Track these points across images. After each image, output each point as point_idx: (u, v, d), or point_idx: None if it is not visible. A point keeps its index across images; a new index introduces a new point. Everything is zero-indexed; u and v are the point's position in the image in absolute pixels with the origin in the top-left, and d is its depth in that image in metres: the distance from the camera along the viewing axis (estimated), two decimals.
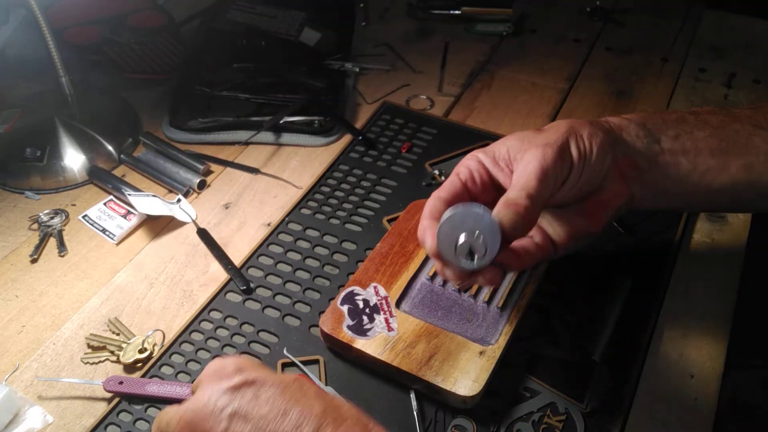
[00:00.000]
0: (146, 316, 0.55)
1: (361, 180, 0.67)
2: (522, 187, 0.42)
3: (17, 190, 0.67)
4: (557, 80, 0.81)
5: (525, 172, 0.43)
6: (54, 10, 0.83)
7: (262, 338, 0.53)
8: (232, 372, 0.38)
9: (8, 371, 0.51)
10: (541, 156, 0.43)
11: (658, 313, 0.54)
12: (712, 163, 0.47)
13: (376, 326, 0.50)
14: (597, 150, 0.45)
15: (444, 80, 0.80)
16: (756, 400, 0.69)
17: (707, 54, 0.85)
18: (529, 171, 0.43)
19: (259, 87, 0.76)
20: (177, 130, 0.73)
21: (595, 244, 0.59)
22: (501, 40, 0.88)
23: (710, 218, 0.63)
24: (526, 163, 0.43)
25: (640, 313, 0.54)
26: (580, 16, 0.93)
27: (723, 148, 0.47)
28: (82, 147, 0.69)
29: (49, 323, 0.55)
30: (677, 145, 0.47)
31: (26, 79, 0.79)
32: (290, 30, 0.85)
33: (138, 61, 0.80)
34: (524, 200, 0.42)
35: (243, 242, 0.61)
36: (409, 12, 0.93)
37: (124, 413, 0.48)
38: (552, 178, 0.43)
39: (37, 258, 0.60)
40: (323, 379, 0.50)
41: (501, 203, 0.42)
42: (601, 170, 0.46)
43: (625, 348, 0.51)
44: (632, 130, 0.47)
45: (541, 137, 0.45)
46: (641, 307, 0.54)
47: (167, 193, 0.67)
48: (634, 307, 0.54)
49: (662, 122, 0.48)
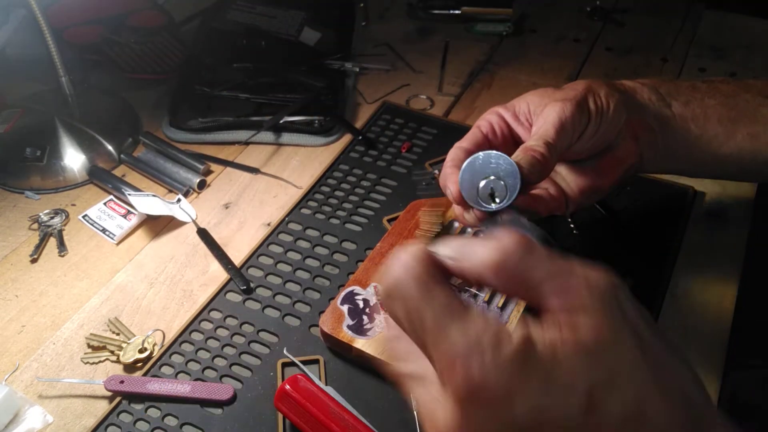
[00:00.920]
0: (146, 316, 0.55)
1: (361, 180, 0.67)
2: (541, 136, 0.44)
3: (17, 190, 0.67)
4: (557, 80, 0.81)
5: (544, 124, 0.45)
6: (54, 10, 0.83)
7: (262, 338, 0.53)
8: (490, 402, 0.25)
9: (8, 371, 0.51)
10: (560, 109, 0.45)
11: (658, 313, 0.54)
12: (720, 130, 0.49)
13: (376, 326, 0.50)
14: (613, 107, 0.46)
15: (444, 80, 0.80)
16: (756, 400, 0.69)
17: (707, 54, 0.85)
18: (549, 122, 0.44)
19: (259, 87, 0.76)
20: (177, 130, 0.73)
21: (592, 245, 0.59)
22: (501, 39, 0.88)
23: (710, 216, 0.63)
24: (545, 116, 0.45)
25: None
26: (580, 16, 0.93)
27: (731, 117, 0.49)
28: (82, 147, 0.69)
29: (49, 323, 0.55)
30: (687, 110, 0.49)
31: (26, 78, 0.79)
32: (290, 30, 0.85)
33: (138, 60, 0.80)
34: (542, 147, 0.43)
35: (243, 242, 0.61)
36: (409, 12, 0.93)
37: (125, 413, 0.48)
38: (570, 129, 0.45)
39: (37, 258, 0.60)
40: (323, 379, 0.50)
41: (520, 149, 0.43)
42: (615, 127, 0.47)
43: None
44: (645, 93, 0.49)
45: (560, 93, 0.47)
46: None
47: (167, 193, 0.67)
48: None
49: (674, 88, 0.50)
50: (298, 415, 0.45)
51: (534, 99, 0.48)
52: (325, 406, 0.45)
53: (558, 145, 0.44)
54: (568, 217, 0.61)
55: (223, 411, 0.48)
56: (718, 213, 0.63)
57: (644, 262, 0.58)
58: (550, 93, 0.47)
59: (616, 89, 0.48)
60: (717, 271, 0.58)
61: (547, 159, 0.43)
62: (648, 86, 0.50)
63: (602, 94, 0.47)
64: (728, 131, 0.49)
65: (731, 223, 0.62)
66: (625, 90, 0.49)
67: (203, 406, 0.49)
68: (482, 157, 0.42)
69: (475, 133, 0.48)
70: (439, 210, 0.57)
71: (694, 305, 0.55)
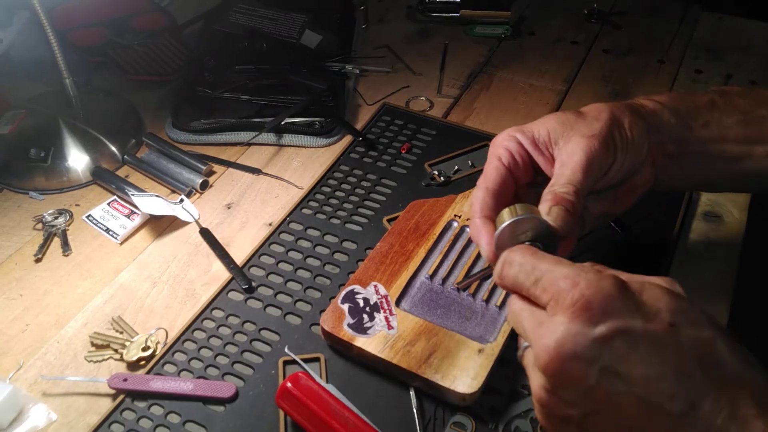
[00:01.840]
0: (149, 315, 0.56)
1: (361, 180, 0.67)
2: (568, 180, 0.42)
3: (21, 191, 0.68)
4: (555, 82, 0.81)
5: (570, 164, 0.43)
6: (58, 12, 0.83)
7: (264, 336, 0.53)
8: (599, 314, 0.32)
9: (12, 369, 0.52)
10: (586, 148, 0.43)
11: None
12: (737, 150, 0.48)
13: (376, 324, 0.51)
14: (638, 140, 0.45)
15: (443, 82, 0.80)
16: None
17: (704, 55, 0.86)
18: (575, 162, 0.43)
19: (260, 89, 0.77)
20: (180, 131, 0.73)
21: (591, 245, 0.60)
22: (499, 42, 0.89)
23: (706, 218, 0.64)
24: (570, 154, 0.43)
25: None
26: (578, 18, 0.93)
27: (748, 136, 0.48)
28: (85, 148, 0.69)
29: (53, 322, 0.56)
30: (706, 132, 0.48)
31: (30, 80, 0.79)
32: (291, 32, 0.86)
33: (141, 62, 0.80)
34: (572, 196, 0.41)
35: (245, 242, 0.62)
36: (408, 14, 0.94)
37: (128, 411, 0.49)
38: (597, 170, 0.43)
39: (41, 257, 0.61)
40: (324, 377, 0.50)
41: (550, 198, 0.42)
42: (639, 159, 0.46)
43: None
44: (665, 115, 0.48)
45: (584, 125, 0.44)
46: None
47: (170, 194, 0.67)
48: None
49: (694, 108, 0.49)
50: (299, 413, 0.45)
51: (554, 126, 0.45)
52: (325, 403, 0.45)
53: (586, 188, 0.42)
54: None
55: (226, 408, 0.49)
56: (714, 213, 0.64)
57: (641, 261, 0.58)
58: (572, 122, 0.45)
59: (639, 115, 0.46)
60: (713, 271, 0.59)
61: (577, 207, 0.41)
62: (669, 108, 0.48)
63: (626, 125, 0.45)
64: (745, 151, 0.48)
65: (728, 224, 0.63)
66: (647, 113, 0.47)
67: (206, 403, 0.49)
68: (518, 219, 0.40)
69: (498, 169, 0.45)
70: None
71: None
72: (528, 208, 0.41)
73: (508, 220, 0.40)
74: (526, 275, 0.35)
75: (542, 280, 0.35)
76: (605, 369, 0.32)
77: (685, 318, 0.32)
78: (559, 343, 0.32)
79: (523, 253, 0.37)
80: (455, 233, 0.58)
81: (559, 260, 0.35)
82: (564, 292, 0.33)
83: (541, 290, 0.34)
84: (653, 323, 0.32)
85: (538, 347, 0.34)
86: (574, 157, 0.43)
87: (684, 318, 0.32)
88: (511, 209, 0.41)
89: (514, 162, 0.46)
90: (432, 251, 0.57)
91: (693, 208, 0.64)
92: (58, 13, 0.83)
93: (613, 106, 0.46)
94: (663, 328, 0.32)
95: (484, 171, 0.46)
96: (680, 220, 0.62)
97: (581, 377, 0.32)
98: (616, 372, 0.32)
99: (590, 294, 0.32)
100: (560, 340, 0.32)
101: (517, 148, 0.46)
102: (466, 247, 0.58)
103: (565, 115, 0.46)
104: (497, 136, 0.47)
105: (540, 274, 0.35)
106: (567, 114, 0.46)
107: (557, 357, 0.32)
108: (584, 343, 0.32)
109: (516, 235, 0.41)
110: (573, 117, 0.46)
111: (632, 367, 0.31)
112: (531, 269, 0.35)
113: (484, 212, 0.44)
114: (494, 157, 0.46)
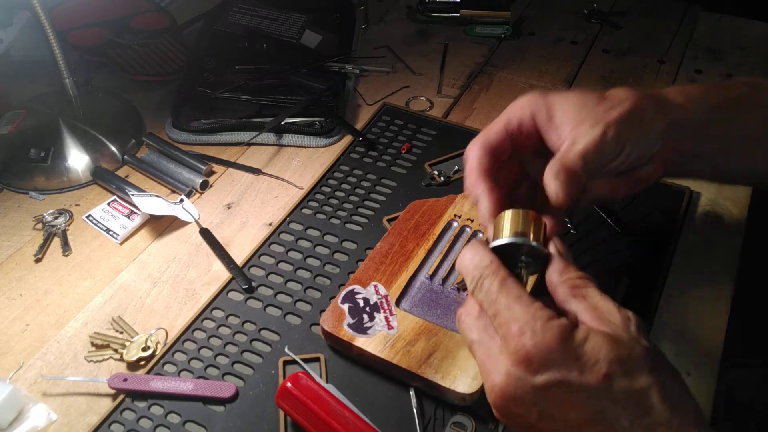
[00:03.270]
0: (149, 315, 0.56)
1: (361, 180, 0.67)
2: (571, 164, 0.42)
3: (22, 191, 0.68)
4: (555, 82, 0.81)
5: (579, 144, 0.42)
6: (58, 12, 0.83)
7: (264, 336, 0.53)
8: (538, 365, 0.35)
9: (12, 369, 0.52)
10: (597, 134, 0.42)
11: (655, 312, 0.55)
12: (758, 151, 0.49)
13: (376, 324, 0.51)
14: (653, 137, 0.45)
15: (443, 82, 0.80)
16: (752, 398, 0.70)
17: (703, 56, 0.86)
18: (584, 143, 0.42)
19: (260, 89, 0.77)
20: (180, 131, 0.73)
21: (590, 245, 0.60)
22: (499, 42, 0.89)
23: (706, 218, 0.64)
24: (578, 137, 0.43)
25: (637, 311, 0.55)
26: (578, 18, 0.93)
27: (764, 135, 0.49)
28: (85, 148, 0.69)
29: (53, 322, 0.56)
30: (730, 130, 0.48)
31: (30, 80, 0.80)
32: (291, 32, 0.86)
33: (141, 63, 0.80)
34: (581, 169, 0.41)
35: (245, 242, 0.62)
36: (408, 15, 0.94)
37: (128, 411, 0.49)
38: (603, 157, 0.43)
39: (41, 257, 0.61)
40: (324, 376, 0.50)
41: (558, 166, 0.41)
42: (649, 155, 0.45)
43: None
44: (691, 113, 0.47)
45: (601, 110, 0.44)
46: (638, 306, 0.55)
47: (170, 194, 0.68)
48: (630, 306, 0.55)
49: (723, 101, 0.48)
50: (299, 413, 0.45)
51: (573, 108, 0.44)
52: (325, 403, 0.45)
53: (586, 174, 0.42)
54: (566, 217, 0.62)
55: (226, 408, 0.49)
56: (714, 213, 0.64)
57: (641, 261, 0.59)
58: (591, 106, 0.44)
59: (663, 110, 0.45)
60: (713, 270, 0.59)
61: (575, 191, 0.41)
62: (697, 103, 0.47)
63: (646, 119, 0.44)
64: (765, 151, 0.48)
65: (727, 224, 0.63)
66: (673, 108, 0.46)
67: (206, 403, 0.49)
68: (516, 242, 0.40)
69: (499, 133, 0.45)
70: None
71: (691, 304, 0.56)
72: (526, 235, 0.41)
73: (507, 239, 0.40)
74: (489, 305, 0.38)
75: (498, 316, 0.37)
76: (543, 412, 0.35)
77: (622, 368, 0.34)
78: (502, 385, 0.36)
79: (492, 279, 0.38)
80: (455, 233, 0.58)
81: (519, 297, 0.37)
82: (511, 338, 0.35)
83: (497, 324, 0.37)
84: (589, 375, 0.34)
85: (486, 381, 0.37)
86: (584, 139, 0.42)
87: (621, 368, 0.34)
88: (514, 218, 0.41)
89: (518, 130, 0.45)
90: (432, 251, 0.57)
91: (693, 208, 0.64)
92: (58, 13, 0.83)
93: (639, 97, 0.45)
94: (598, 379, 0.34)
95: (487, 128, 0.46)
96: (680, 220, 0.62)
97: (522, 415, 0.36)
98: (553, 416, 0.35)
99: (532, 345, 0.35)
100: (503, 383, 0.36)
101: (528, 121, 0.45)
102: None
103: (587, 97, 0.45)
104: (519, 99, 0.46)
105: (498, 308, 0.37)
106: (590, 96, 0.45)
107: (501, 396, 0.36)
108: (524, 388, 0.35)
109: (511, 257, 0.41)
110: (594, 101, 0.45)
111: (567, 413, 0.35)
112: (493, 300, 0.37)
113: (481, 169, 0.44)
114: (504, 120, 0.46)
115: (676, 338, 0.53)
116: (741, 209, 0.64)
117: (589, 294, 0.38)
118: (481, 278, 0.38)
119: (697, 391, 0.50)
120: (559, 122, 0.45)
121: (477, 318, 0.39)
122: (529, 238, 0.40)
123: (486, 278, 0.38)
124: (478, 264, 0.39)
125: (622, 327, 0.36)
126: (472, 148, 0.45)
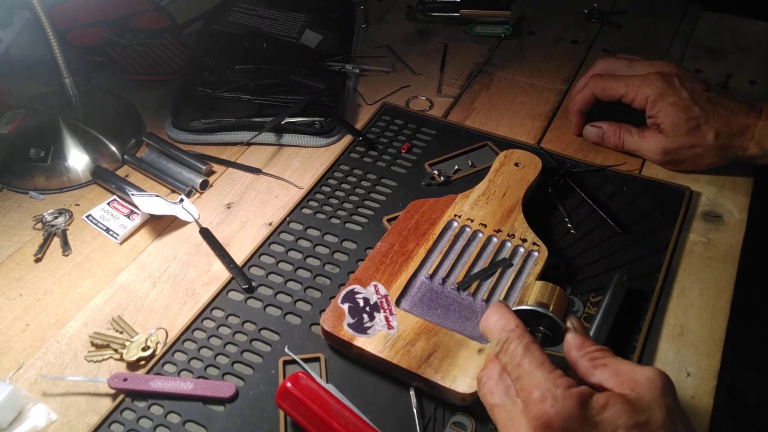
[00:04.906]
0: (149, 315, 0.56)
1: (361, 180, 0.67)
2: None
3: (21, 190, 0.68)
4: (555, 81, 0.81)
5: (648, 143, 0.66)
6: (57, 12, 0.83)
7: (264, 336, 0.53)
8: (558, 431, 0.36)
9: (12, 369, 0.52)
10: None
11: (655, 312, 0.55)
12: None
13: (376, 324, 0.51)
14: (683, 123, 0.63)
15: (443, 82, 0.80)
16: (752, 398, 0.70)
17: (704, 55, 0.86)
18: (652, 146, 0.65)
19: (260, 88, 0.77)
20: (179, 131, 0.73)
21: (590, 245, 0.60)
22: (499, 41, 0.89)
23: (706, 218, 0.64)
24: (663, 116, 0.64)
25: (637, 311, 0.55)
26: (578, 18, 0.93)
27: None
28: (85, 147, 0.69)
29: (53, 322, 0.56)
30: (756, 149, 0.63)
31: (30, 80, 0.80)
32: (291, 32, 0.86)
33: (141, 62, 0.80)
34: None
35: (245, 241, 0.62)
36: (408, 14, 0.94)
37: (128, 411, 0.49)
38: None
39: (41, 257, 0.61)
40: (324, 376, 0.50)
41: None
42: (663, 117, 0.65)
43: (622, 346, 0.52)
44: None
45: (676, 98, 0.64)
46: (638, 306, 0.55)
47: (170, 193, 0.68)
48: (631, 306, 0.55)
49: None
50: (299, 412, 0.45)
51: (656, 92, 0.64)
52: (325, 403, 0.45)
53: None
54: (565, 217, 0.62)
55: (226, 408, 0.49)
56: (714, 212, 0.64)
57: (641, 261, 0.59)
58: (671, 92, 0.63)
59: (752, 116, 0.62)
60: (713, 270, 0.59)
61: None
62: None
63: (703, 100, 0.63)
64: None
65: (727, 223, 0.63)
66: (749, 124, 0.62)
67: (206, 403, 0.49)
68: (530, 316, 0.43)
69: (589, 100, 0.69)
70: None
71: (691, 304, 0.56)
72: (552, 297, 0.43)
73: (532, 306, 0.43)
74: (512, 368, 0.40)
75: (521, 380, 0.39)
76: None
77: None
78: None
79: (517, 344, 0.40)
80: (455, 233, 0.58)
81: (542, 363, 0.39)
82: (532, 403, 0.37)
83: (519, 388, 0.39)
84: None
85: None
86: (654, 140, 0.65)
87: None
88: (542, 289, 0.43)
89: (588, 103, 0.70)
90: (432, 251, 0.57)
91: (693, 208, 0.64)
92: (58, 13, 0.83)
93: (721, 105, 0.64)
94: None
95: (579, 89, 0.70)
96: (680, 220, 0.62)
97: None
98: None
99: (553, 413, 0.36)
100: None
101: (600, 93, 0.68)
102: (466, 246, 0.58)
103: (670, 82, 0.64)
104: (597, 65, 0.70)
105: (521, 373, 0.39)
106: (674, 83, 0.64)
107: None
108: None
109: (532, 323, 0.43)
110: (674, 88, 0.64)
111: None
112: (517, 364, 0.39)
113: (584, 105, 0.70)
114: (591, 89, 0.68)
115: (676, 338, 0.53)
116: (741, 209, 0.64)
117: (609, 362, 0.39)
118: (507, 341, 0.40)
119: (697, 391, 0.50)
120: (641, 102, 0.66)
121: (498, 381, 0.40)
122: (552, 310, 0.42)
123: (512, 342, 0.40)
124: (504, 327, 0.41)
125: (646, 387, 0.37)
126: (578, 97, 0.70)
